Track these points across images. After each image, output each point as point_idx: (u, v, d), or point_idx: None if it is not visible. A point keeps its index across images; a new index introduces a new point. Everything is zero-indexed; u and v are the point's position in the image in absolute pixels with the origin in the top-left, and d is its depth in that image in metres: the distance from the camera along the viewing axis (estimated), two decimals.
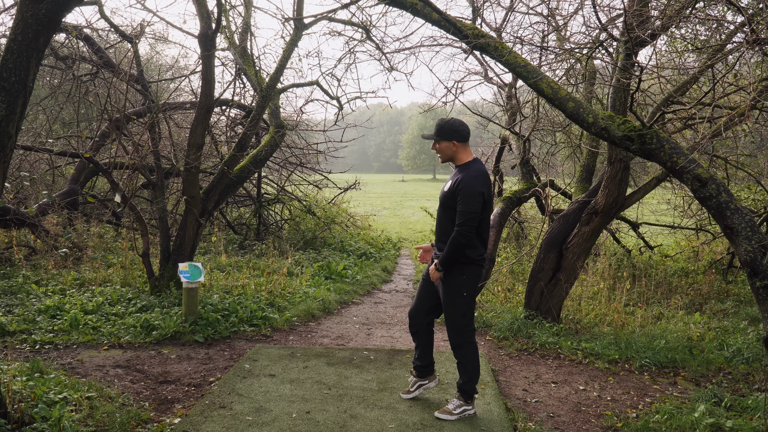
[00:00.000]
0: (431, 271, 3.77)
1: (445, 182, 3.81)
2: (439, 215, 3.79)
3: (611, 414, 4.02)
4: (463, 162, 3.76)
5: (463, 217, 3.56)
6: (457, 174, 3.71)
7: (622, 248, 9.60)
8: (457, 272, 3.70)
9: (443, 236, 3.73)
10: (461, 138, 3.73)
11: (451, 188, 3.64)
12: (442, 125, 3.75)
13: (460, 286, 3.71)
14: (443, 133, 3.72)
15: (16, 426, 3.25)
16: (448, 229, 3.68)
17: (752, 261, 3.45)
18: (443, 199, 3.72)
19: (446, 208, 3.70)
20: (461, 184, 3.59)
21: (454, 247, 3.60)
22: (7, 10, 8.09)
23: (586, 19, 15.49)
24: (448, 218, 3.69)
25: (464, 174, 3.64)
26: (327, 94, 9.31)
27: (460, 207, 3.57)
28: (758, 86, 4.92)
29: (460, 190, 3.58)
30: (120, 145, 6.62)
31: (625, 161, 5.51)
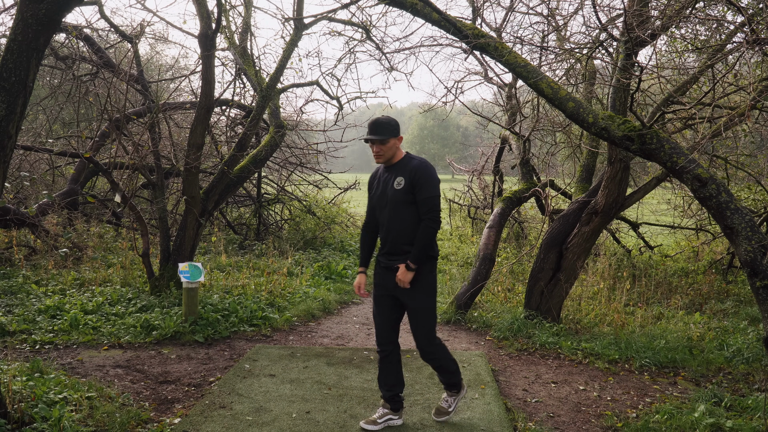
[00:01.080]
0: (402, 273, 3.45)
1: (385, 183, 3.56)
2: (393, 216, 3.50)
3: (611, 414, 4.02)
4: (401, 157, 3.57)
5: (430, 203, 3.42)
6: (401, 168, 3.50)
7: (622, 248, 9.60)
8: (427, 270, 3.52)
9: (402, 236, 3.49)
10: (399, 132, 3.57)
11: (408, 182, 3.43)
12: (385, 122, 3.50)
13: (432, 284, 3.55)
14: (391, 129, 3.49)
15: (16, 426, 3.25)
16: (409, 225, 3.47)
17: (752, 261, 3.45)
18: (397, 196, 3.46)
19: (403, 205, 3.46)
20: (418, 173, 3.42)
21: (428, 238, 3.43)
22: (7, 10, 8.09)
23: (586, 19, 15.49)
24: (407, 215, 3.47)
25: (414, 164, 3.48)
26: (327, 94, 9.32)
27: (424, 194, 3.40)
28: (758, 86, 4.92)
29: (419, 178, 3.41)
30: (120, 145, 6.62)
31: (625, 161, 5.51)
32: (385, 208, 3.54)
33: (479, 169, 12.66)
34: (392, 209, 3.49)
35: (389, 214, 3.51)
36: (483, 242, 7.10)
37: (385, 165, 3.59)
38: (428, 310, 3.56)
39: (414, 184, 3.42)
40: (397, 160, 3.56)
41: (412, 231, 3.47)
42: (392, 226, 3.51)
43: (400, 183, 3.46)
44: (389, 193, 3.49)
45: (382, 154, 3.51)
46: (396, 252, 3.52)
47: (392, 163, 3.55)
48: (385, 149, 3.49)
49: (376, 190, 3.61)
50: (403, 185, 3.44)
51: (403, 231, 3.48)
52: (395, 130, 3.49)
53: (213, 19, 6.07)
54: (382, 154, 3.50)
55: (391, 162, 3.56)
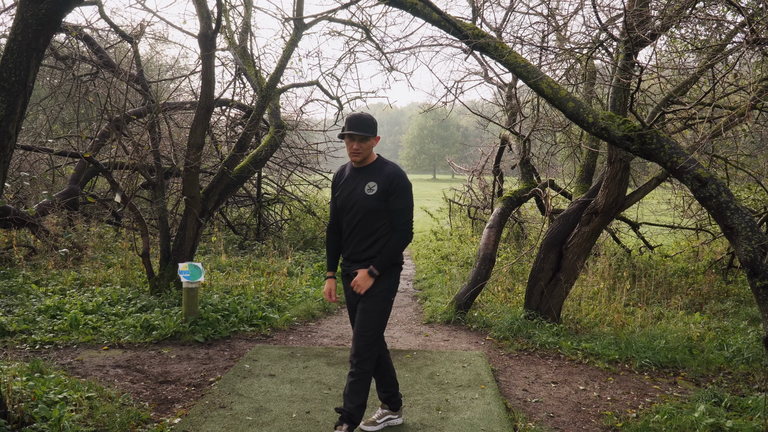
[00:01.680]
0: (362, 279, 3.29)
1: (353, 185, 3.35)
2: (360, 222, 3.30)
3: (611, 414, 4.02)
4: (373, 159, 3.38)
5: (407, 213, 3.28)
6: (374, 172, 3.31)
7: (622, 248, 9.61)
8: (386, 276, 3.36)
9: (367, 243, 3.31)
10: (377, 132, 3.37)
11: (381, 188, 3.23)
12: (368, 119, 3.28)
13: (388, 290, 3.37)
14: (374, 128, 3.29)
15: (16, 426, 3.25)
16: (376, 232, 3.29)
17: (752, 261, 3.45)
18: (368, 202, 3.25)
19: (373, 212, 3.26)
20: (395, 181, 3.24)
21: (400, 249, 3.29)
22: (7, 10, 8.09)
23: (586, 19, 15.49)
24: (376, 222, 3.28)
25: (389, 170, 3.28)
26: (327, 94, 9.32)
27: (399, 204, 3.24)
28: (758, 86, 4.92)
29: (396, 187, 3.23)
30: (120, 145, 6.62)
31: (625, 161, 5.51)
32: (351, 212, 3.34)
33: (479, 169, 12.66)
34: (360, 214, 3.30)
35: (356, 219, 3.32)
36: (483, 242, 7.10)
37: (356, 165, 3.37)
38: (374, 314, 3.33)
39: (389, 192, 3.24)
40: (370, 161, 3.36)
41: (378, 239, 3.30)
42: (358, 232, 3.33)
43: (372, 188, 3.25)
44: (358, 197, 3.29)
45: (360, 152, 3.27)
46: (358, 259, 3.36)
47: (363, 165, 3.35)
48: (364, 147, 3.27)
49: (342, 192, 3.39)
50: (376, 191, 3.24)
51: (369, 238, 3.31)
52: (376, 129, 3.31)
53: (213, 19, 6.07)
54: (361, 152, 3.27)
55: (363, 163, 3.35)
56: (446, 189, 16.43)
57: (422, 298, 7.70)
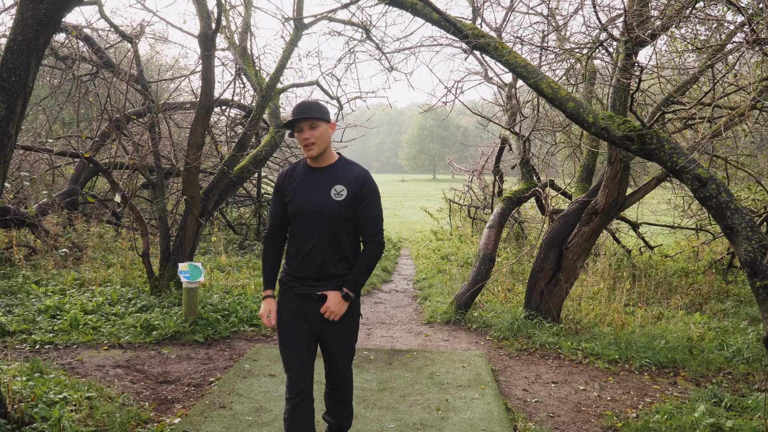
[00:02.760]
0: (337, 304, 2.76)
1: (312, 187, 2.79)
2: (324, 233, 2.76)
3: (611, 414, 4.02)
4: (335, 158, 2.85)
5: (378, 222, 2.82)
6: (339, 174, 2.79)
7: (622, 248, 9.61)
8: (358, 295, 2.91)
9: (333, 258, 2.79)
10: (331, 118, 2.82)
11: (352, 193, 2.74)
12: (313, 103, 2.76)
13: (358, 312, 2.94)
14: (323, 111, 2.75)
15: (16, 426, 3.25)
16: (343, 245, 2.80)
17: (752, 261, 3.45)
18: (335, 209, 2.73)
19: (340, 220, 2.75)
20: (366, 185, 2.76)
21: (374, 262, 2.83)
22: (7, 10, 8.09)
23: (586, 19, 15.50)
24: (343, 232, 2.78)
25: (358, 172, 2.80)
26: (327, 94, 9.32)
27: (371, 211, 2.77)
28: (758, 86, 4.92)
29: (368, 193, 2.76)
30: (120, 145, 6.62)
31: (625, 161, 5.51)
32: (312, 221, 2.76)
33: (479, 169, 12.66)
34: (324, 223, 2.74)
35: (318, 229, 2.75)
36: (483, 242, 7.10)
37: (312, 164, 2.82)
38: (349, 341, 2.94)
39: (360, 198, 2.75)
40: (332, 161, 2.83)
41: (345, 252, 2.81)
42: (322, 245, 2.77)
43: (341, 193, 2.73)
44: (322, 202, 2.74)
45: (314, 142, 2.71)
46: (322, 277, 2.80)
47: (324, 164, 2.81)
48: (317, 135, 2.71)
49: (298, 196, 2.80)
50: (345, 196, 2.73)
51: (336, 252, 2.79)
52: (327, 114, 2.76)
53: (213, 19, 6.07)
54: (315, 141, 2.71)
55: (323, 162, 2.80)
56: (446, 189, 16.44)
57: (422, 298, 7.70)
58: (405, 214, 22.22)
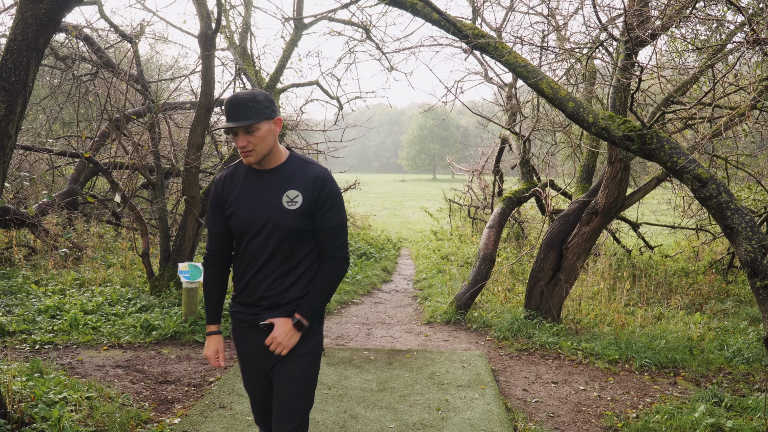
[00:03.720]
0: (285, 334, 2.23)
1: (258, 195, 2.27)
2: (276, 249, 2.24)
3: (611, 414, 4.02)
4: (285, 157, 2.31)
5: (342, 233, 2.29)
6: (291, 176, 2.26)
7: (622, 248, 9.61)
8: (317, 322, 2.36)
9: (287, 280, 2.27)
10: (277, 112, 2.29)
11: (309, 199, 2.22)
12: (249, 99, 2.18)
13: (320, 343, 2.37)
14: (261, 109, 2.19)
15: (16, 426, 3.25)
16: (305, 262, 2.28)
17: (752, 261, 3.45)
18: (288, 220, 2.21)
19: (296, 233, 2.23)
20: (325, 188, 2.24)
21: (336, 283, 2.31)
22: (7, 10, 8.09)
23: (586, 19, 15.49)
24: (303, 246, 2.27)
25: (315, 172, 2.27)
26: (327, 94, 9.32)
27: (332, 220, 2.26)
28: (758, 86, 4.92)
29: (328, 197, 2.24)
30: (120, 145, 6.62)
31: (625, 161, 5.51)
32: (260, 236, 2.24)
33: (479, 169, 12.66)
34: (276, 239, 2.22)
35: (270, 245, 2.24)
36: (483, 242, 7.10)
37: (257, 165, 2.29)
38: (309, 378, 2.32)
39: (319, 204, 2.23)
40: (280, 161, 2.29)
41: (304, 273, 2.28)
42: (272, 266, 2.25)
43: (294, 200, 2.22)
44: (273, 212, 2.22)
45: (252, 149, 2.20)
46: (276, 303, 2.27)
47: (271, 166, 2.28)
48: (256, 141, 2.19)
49: (241, 206, 2.27)
50: (301, 204, 2.21)
51: (292, 273, 2.27)
52: (269, 109, 2.20)
53: (213, 19, 6.07)
54: (253, 149, 2.20)
55: (268, 163, 2.27)
56: (446, 189, 16.44)
57: (422, 298, 7.70)
58: (405, 214, 22.23)
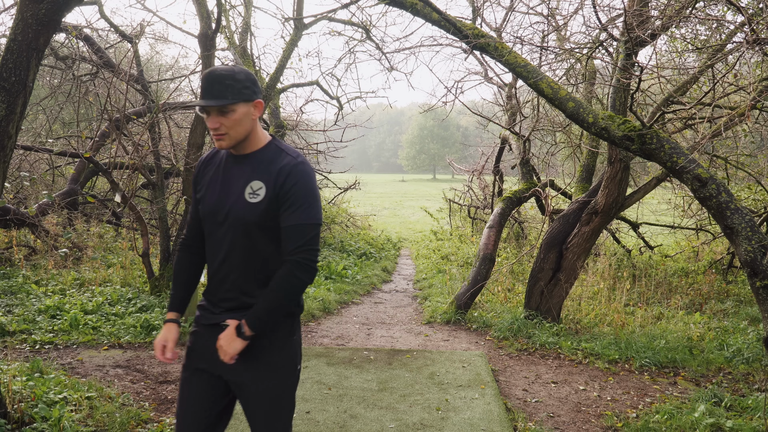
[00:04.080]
0: (227, 338, 1.98)
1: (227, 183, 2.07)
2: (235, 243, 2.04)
3: (611, 414, 4.02)
4: (263, 143, 2.08)
5: (306, 233, 1.97)
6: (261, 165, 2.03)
7: (622, 248, 9.61)
8: (286, 332, 2.08)
9: (248, 278, 2.05)
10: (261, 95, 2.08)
11: (272, 191, 1.98)
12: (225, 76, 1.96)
13: (293, 356, 2.09)
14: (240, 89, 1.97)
15: (16, 426, 3.25)
16: (272, 261, 2.04)
17: (752, 261, 3.45)
18: (248, 213, 2.00)
19: (256, 228, 2.01)
20: (291, 179, 1.97)
21: (291, 295, 1.98)
22: (7, 10, 8.09)
23: (586, 19, 15.51)
24: (263, 244, 2.03)
25: (285, 162, 2.00)
26: (327, 94, 9.33)
27: (296, 218, 1.96)
28: (758, 86, 4.92)
29: (292, 190, 1.97)
30: (120, 145, 6.63)
31: (625, 161, 5.51)
32: (222, 229, 2.05)
33: (479, 169, 12.67)
34: (236, 233, 2.03)
35: (228, 240, 2.04)
36: (483, 242, 7.11)
37: (234, 150, 2.09)
38: (280, 401, 2.05)
39: (282, 198, 1.98)
40: (256, 147, 2.07)
41: (267, 271, 2.04)
42: (232, 263, 2.05)
43: (257, 192, 2.00)
44: (234, 204, 2.03)
45: (225, 133, 1.98)
46: (237, 306, 2.06)
47: (245, 152, 2.07)
48: (230, 124, 1.98)
49: (208, 193, 2.11)
50: (263, 196, 1.99)
51: (253, 273, 2.05)
52: (249, 90, 1.99)
53: (213, 19, 6.07)
54: (226, 132, 1.99)
55: (245, 148, 2.07)
56: (446, 189, 16.43)
57: (422, 298, 7.70)
58: (405, 214, 22.23)
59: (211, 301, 2.13)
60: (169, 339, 2.15)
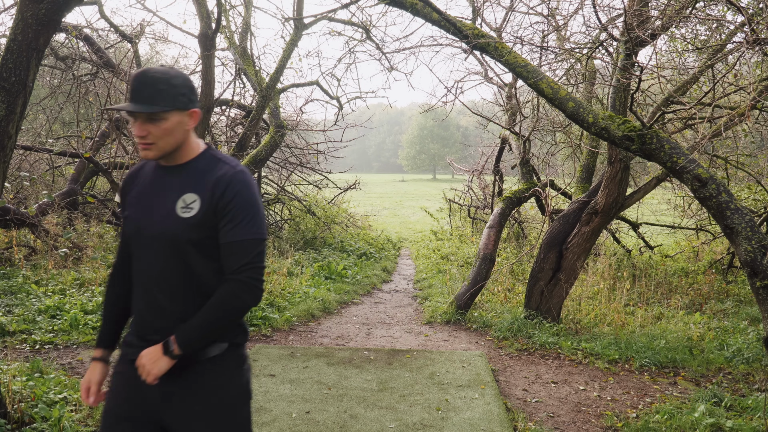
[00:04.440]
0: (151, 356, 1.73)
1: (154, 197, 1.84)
2: (164, 264, 1.79)
3: (611, 414, 4.02)
4: (196, 152, 1.87)
5: (253, 249, 1.76)
6: (194, 175, 1.83)
7: (622, 248, 9.61)
8: (232, 363, 1.85)
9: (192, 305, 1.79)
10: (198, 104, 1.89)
11: (207, 204, 1.76)
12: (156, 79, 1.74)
13: (243, 391, 1.87)
14: (174, 95, 1.76)
15: (16, 426, 3.25)
16: (197, 285, 1.80)
17: (752, 261, 3.45)
18: (179, 229, 1.76)
19: (188, 246, 1.77)
20: (231, 189, 1.77)
21: (232, 315, 1.76)
22: (7, 10, 8.09)
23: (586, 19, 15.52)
24: (197, 265, 1.79)
25: (223, 172, 1.80)
26: (327, 94, 9.33)
27: (237, 234, 1.75)
28: (758, 86, 4.92)
29: (232, 202, 1.76)
30: (120, 145, 6.63)
31: (625, 161, 5.51)
32: (150, 247, 1.81)
33: (479, 169, 12.67)
34: (166, 253, 1.79)
35: (158, 261, 1.80)
36: (483, 242, 7.11)
37: (163, 162, 1.87)
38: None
39: (220, 211, 1.77)
40: (189, 157, 1.86)
41: (206, 295, 1.79)
42: (165, 284, 1.80)
43: (190, 206, 1.78)
44: (162, 220, 1.80)
45: (153, 143, 1.77)
46: (168, 333, 1.77)
47: (176, 162, 1.86)
48: (160, 134, 1.77)
49: (132, 209, 1.88)
50: (197, 210, 1.77)
51: (188, 297, 1.80)
52: (185, 97, 1.79)
53: (213, 19, 6.07)
54: (154, 142, 1.77)
55: (175, 159, 1.85)
56: (446, 189, 16.43)
57: (422, 298, 7.70)
58: (405, 214, 22.23)
59: (139, 335, 1.83)
60: (93, 380, 1.89)
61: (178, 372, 1.76)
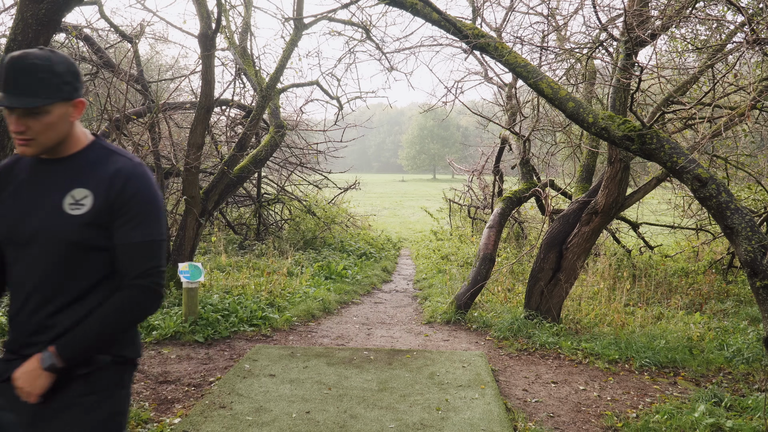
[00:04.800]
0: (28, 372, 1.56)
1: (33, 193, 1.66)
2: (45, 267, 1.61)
3: (611, 414, 4.02)
4: (83, 144, 1.70)
5: (155, 251, 1.67)
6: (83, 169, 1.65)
7: (622, 248, 9.61)
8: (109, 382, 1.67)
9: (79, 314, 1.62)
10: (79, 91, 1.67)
11: (101, 201, 1.61)
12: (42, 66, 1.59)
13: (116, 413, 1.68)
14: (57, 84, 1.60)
15: None
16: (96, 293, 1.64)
17: (752, 261, 3.46)
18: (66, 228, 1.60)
19: (75, 248, 1.60)
20: (129, 186, 1.63)
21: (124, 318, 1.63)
22: (7, 10, 8.09)
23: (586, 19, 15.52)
24: (85, 268, 1.63)
25: (118, 165, 1.65)
26: (327, 94, 9.33)
27: (136, 235, 1.63)
28: (758, 86, 4.92)
29: (135, 196, 1.63)
30: (120, 145, 6.63)
31: (625, 161, 5.51)
32: (28, 251, 1.62)
33: (479, 169, 12.67)
34: (48, 255, 1.61)
35: (39, 265, 1.62)
36: (483, 242, 7.11)
37: (45, 155, 1.67)
38: None
39: (117, 209, 1.62)
40: (76, 148, 1.68)
41: (95, 303, 1.64)
42: (44, 294, 1.62)
43: (81, 202, 1.61)
44: (43, 217, 1.62)
45: (33, 139, 1.60)
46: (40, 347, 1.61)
47: (61, 155, 1.68)
48: (41, 128, 1.59)
49: (6, 208, 1.67)
50: (89, 207, 1.61)
51: (73, 307, 1.63)
52: (70, 86, 1.63)
53: (213, 19, 6.07)
54: (34, 138, 1.60)
55: (59, 151, 1.67)
56: (446, 189, 16.43)
57: (422, 298, 7.70)
58: (405, 214, 22.23)
59: (13, 350, 1.62)
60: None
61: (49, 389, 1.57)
